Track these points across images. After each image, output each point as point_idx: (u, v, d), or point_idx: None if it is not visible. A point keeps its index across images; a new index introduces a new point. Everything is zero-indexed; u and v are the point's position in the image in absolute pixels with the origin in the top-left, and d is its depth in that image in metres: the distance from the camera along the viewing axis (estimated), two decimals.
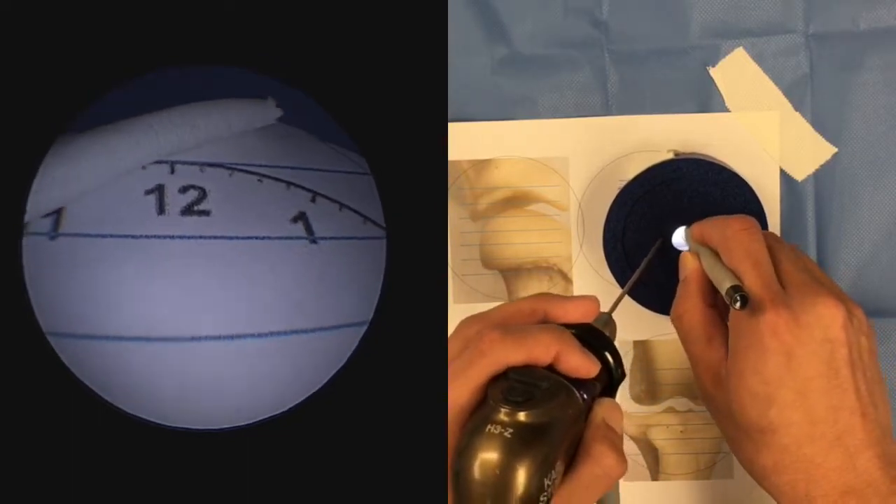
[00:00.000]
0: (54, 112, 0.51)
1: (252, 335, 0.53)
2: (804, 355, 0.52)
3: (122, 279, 0.52)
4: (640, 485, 0.67)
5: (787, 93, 0.64)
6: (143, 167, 0.55)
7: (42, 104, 0.50)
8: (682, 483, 0.67)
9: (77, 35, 0.51)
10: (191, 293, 0.52)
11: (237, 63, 0.53)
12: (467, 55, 0.65)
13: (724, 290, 0.53)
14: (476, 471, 0.45)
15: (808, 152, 0.65)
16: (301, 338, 0.54)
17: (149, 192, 0.54)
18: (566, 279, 0.66)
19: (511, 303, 0.52)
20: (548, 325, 0.51)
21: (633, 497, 0.67)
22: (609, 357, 0.51)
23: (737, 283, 0.53)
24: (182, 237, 0.54)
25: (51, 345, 0.50)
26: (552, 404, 0.47)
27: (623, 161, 0.65)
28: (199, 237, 0.54)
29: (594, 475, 0.47)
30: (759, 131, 0.64)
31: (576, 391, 0.48)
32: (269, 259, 0.54)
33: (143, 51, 0.52)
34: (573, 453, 0.48)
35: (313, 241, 0.55)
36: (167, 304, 0.52)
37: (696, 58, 0.65)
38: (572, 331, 0.51)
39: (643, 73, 0.65)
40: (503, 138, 0.66)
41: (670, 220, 0.63)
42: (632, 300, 0.64)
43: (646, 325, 0.66)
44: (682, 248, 0.62)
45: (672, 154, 0.64)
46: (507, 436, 0.45)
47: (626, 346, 0.66)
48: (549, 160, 0.66)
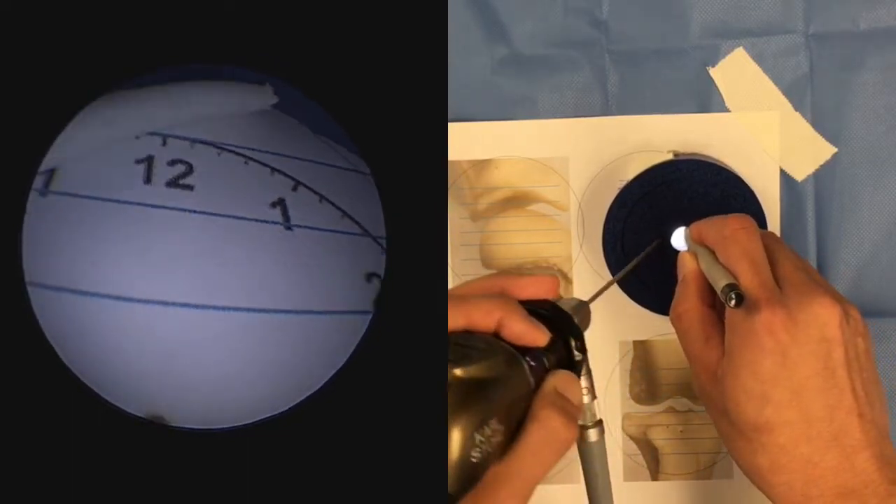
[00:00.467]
0: (54, 112, 0.51)
1: (218, 307, 0.54)
2: (800, 354, 0.52)
3: (103, 239, 0.54)
4: (640, 485, 0.67)
5: (787, 93, 0.64)
6: (136, 137, 0.57)
7: (42, 104, 0.50)
8: (682, 483, 0.67)
9: (77, 35, 0.51)
10: (165, 261, 0.54)
11: (237, 62, 0.54)
12: (467, 55, 0.65)
13: (719, 289, 0.53)
14: None
15: (808, 152, 0.65)
16: (265, 317, 0.55)
17: (139, 162, 0.57)
18: (566, 279, 0.66)
19: (470, 280, 0.52)
20: (496, 295, 0.51)
21: (633, 497, 0.67)
22: (571, 338, 0.51)
23: (732, 282, 0.53)
24: (164, 207, 0.56)
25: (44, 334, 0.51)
26: (488, 362, 0.46)
27: (623, 161, 0.65)
28: (180, 209, 0.56)
29: (541, 439, 0.47)
30: (759, 131, 0.65)
31: (521, 357, 0.48)
32: (243, 239, 0.56)
33: (142, 50, 0.52)
34: (520, 421, 0.47)
35: (288, 228, 0.57)
36: (142, 267, 0.54)
37: (696, 58, 0.65)
38: (528, 306, 0.50)
39: (643, 73, 0.65)
40: (503, 138, 0.66)
41: (670, 220, 0.63)
42: (632, 301, 0.64)
43: (646, 325, 0.66)
44: (681, 249, 0.62)
45: (672, 154, 0.64)
46: None
47: (626, 346, 0.67)
48: (549, 160, 0.66)
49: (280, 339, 0.55)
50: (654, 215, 0.63)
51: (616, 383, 0.67)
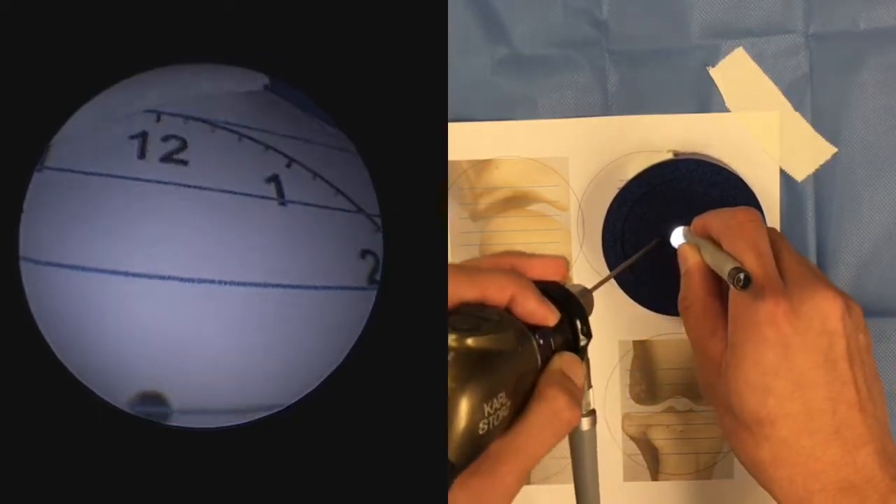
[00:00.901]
0: (54, 112, 0.51)
1: (213, 281, 0.55)
2: (802, 346, 0.52)
3: (98, 214, 0.54)
4: (640, 485, 0.67)
5: (787, 93, 0.64)
6: (130, 114, 0.57)
7: (42, 104, 0.50)
8: (682, 483, 0.67)
9: (76, 35, 0.51)
10: (160, 234, 0.55)
11: (237, 62, 0.54)
12: (467, 55, 0.65)
13: (726, 272, 0.53)
14: None
15: (808, 152, 0.65)
16: (260, 291, 0.56)
17: (133, 138, 0.57)
18: (566, 279, 0.66)
19: (480, 256, 0.53)
20: (509, 270, 0.51)
21: (633, 497, 0.67)
22: (577, 319, 0.51)
23: (739, 265, 0.53)
24: (158, 182, 0.56)
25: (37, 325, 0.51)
26: (500, 335, 0.47)
27: (623, 161, 0.65)
28: (175, 184, 0.56)
29: (545, 417, 0.47)
30: (759, 131, 0.65)
31: (530, 334, 0.49)
32: (238, 213, 0.56)
33: (141, 50, 0.52)
34: (526, 398, 0.48)
35: (282, 204, 0.57)
36: (137, 241, 0.54)
37: (696, 58, 0.65)
38: (537, 286, 0.51)
39: (643, 73, 0.65)
40: (503, 138, 0.66)
41: (670, 220, 0.63)
42: (632, 300, 0.64)
43: (646, 325, 0.66)
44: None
45: (672, 154, 0.64)
46: (448, 358, 0.45)
47: (626, 346, 0.67)
48: (549, 160, 0.66)
49: (275, 313, 0.55)
50: (654, 215, 0.63)
51: (616, 383, 0.67)
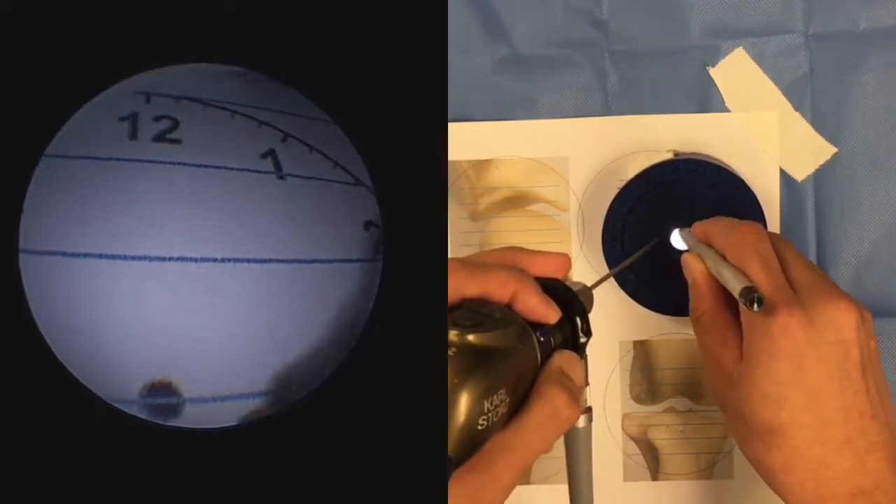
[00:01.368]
0: (53, 112, 0.51)
1: (216, 259, 0.54)
2: (816, 357, 0.52)
3: (92, 198, 0.54)
4: (640, 485, 0.67)
5: (787, 93, 0.64)
6: (119, 97, 0.57)
7: (41, 104, 0.50)
8: (682, 483, 0.67)
9: (76, 34, 0.51)
10: (158, 215, 0.54)
11: (236, 62, 0.54)
12: (467, 55, 0.65)
13: (737, 292, 0.53)
14: None
15: (808, 152, 0.65)
16: (265, 267, 0.55)
17: (123, 119, 0.56)
18: (566, 279, 0.66)
19: (483, 251, 0.53)
20: (511, 266, 0.51)
21: (633, 497, 0.67)
22: (576, 316, 0.51)
23: (750, 285, 0.52)
24: (152, 161, 0.56)
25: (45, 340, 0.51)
26: (501, 332, 0.47)
27: (623, 161, 0.65)
28: (169, 163, 0.56)
29: (544, 415, 0.47)
30: (758, 131, 0.64)
31: (531, 331, 0.49)
32: (236, 189, 0.56)
33: (141, 50, 0.52)
34: (525, 395, 0.48)
35: (281, 178, 0.57)
36: (134, 224, 0.54)
37: (696, 58, 0.65)
38: (538, 283, 0.51)
39: (643, 73, 0.65)
40: (503, 138, 0.66)
41: (670, 220, 0.63)
42: (632, 300, 0.64)
43: (646, 325, 0.66)
44: (680, 248, 0.62)
45: (672, 154, 0.64)
46: (449, 354, 0.45)
47: (626, 346, 0.67)
48: (549, 160, 0.66)
49: (282, 289, 0.55)
50: (654, 215, 0.63)
51: (616, 383, 0.67)
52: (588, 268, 0.66)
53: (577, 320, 0.51)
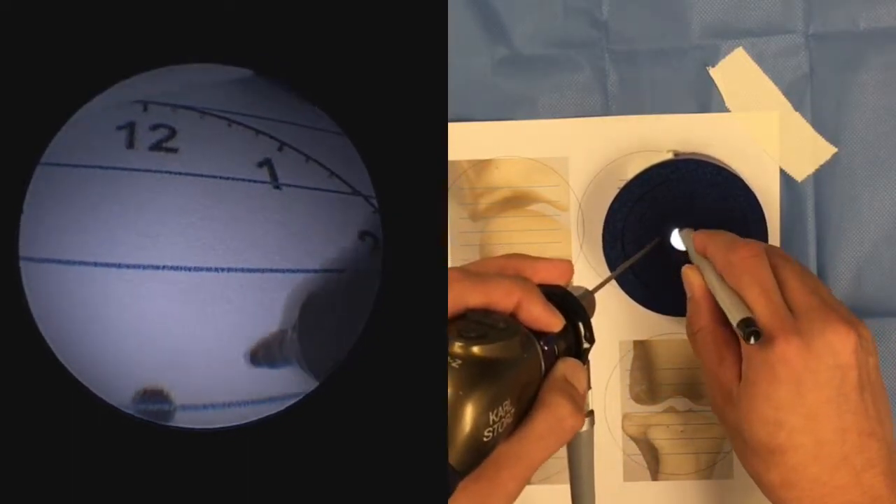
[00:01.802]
0: (52, 111, 0.51)
1: (210, 269, 0.54)
2: (815, 382, 0.52)
3: (88, 207, 0.54)
4: (640, 485, 0.67)
5: (787, 93, 0.64)
6: (116, 106, 0.57)
7: (41, 103, 0.50)
8: (682, 483, 0.67)
9: (75, 34, 0.51)
10: (154, 224, 0.54)
11: (236, 62, 0.54)
12: (467, 55, 0.65)
13: (735, 322, 0.53)
14: None
15: (808, 152, 0.65)
16: (258, 276, 0.55)
17: (120, 128, 0.56)
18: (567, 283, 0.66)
19: (485, 258, 0.53)
20: (515, 276, 0.51)
21: (633, 497, 0.67)
22: (578, 322, 0.51)
23: (749, 316, 0.53)
24: (149, 170, 0.55)
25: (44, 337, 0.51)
26: (506, 343, 0.47)
27: (623, 161, 0.65)
28: (166, 172, 0.55)
29: (548, 424, 0.47)
30: (759, 131, 0.65)
31: (535, 340, 0.49)
32: (232, 199, 0.56)
33: (141, 50, 0.52)
34: (529, 404, 0.48)
35: (276, 187, 0.57)
36: (130, 232, 0.54)
37: (696, 58, 0.65)
38: (541, 290, 0.51)
39: (643, 73, 0.65)
40: (503, 138, 0.66)
41: (670, 220, 0.63)
42: (632, 300, 0.64)
43: (646, 325, 0.66)
44: (681, 248, 0.62)
45: (672, 154, 0.64)
46: (454, 367, 0.45)
47: (626, 346, 0.67)
48: (549, 160, 0.66)
49: (276, 298, 0.55)
50: (654, 215, 0.63)
51: (616, 383, 0.67)
52: (588, 268, 0.66)
53: (581, 327, 0.51)
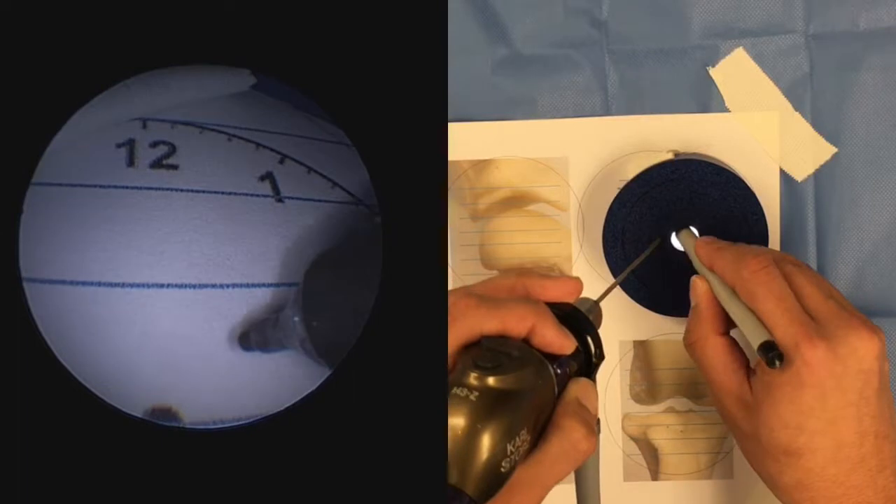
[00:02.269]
0: (52, 110, 0.51)
1: (214, 285, 0.54)
2: (837, 387, 0.53)
3: (91, 227, 0.53)
4: (640, 485, 0.67)
5: (787, 93, 0.64)
6: (115, 123, 0.56)
7: (40, 102, 0.50)
8: (682, 483, 0.67)
9: (75, 33, 0.51)
10: (157, 242, 0.54)
11: (236, 62, 0.54)
12: (467, 55, 0.65)
13: (755, 345, 0.54)
14: None
15: (808, 152, 0.65)
16: (263, 291, 0.55)
17: (120, 146, 0.56)
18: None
19: (493, 277, 0.53)
20: (526, 298, 0.51)
21: (633, 497, 0.67)
22: (588, 339, 0.52)
23: (769, 339, 0.53)
24: (150, 188, 0.55)
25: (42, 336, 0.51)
26: (521, 373, 0.47)
27: (623, 161, 0.65)
28: (167, 189, 0.55)
29: (562, 449, 0.48)
30: (759, 131, 0.64)
31: (549, 365, 0.49)
32: (235, 214, 0.55)
33: (140, 50, 0.52)
34: (543, 427, 0.48)
35: (279, 201, 0.56)
36: (133, 251, 0.53)
37: (696, 58, 0.65)
38: (552, 309, 0.51)
39: (643, 73, 0.65)
40: (503, 138, 0.66)
41: (670, 220, 0.63)
42: (632, 300, 0.64)
43: (646, 325, 0.66)
44: (681, 249, 0.62)
45: (672, 154, 0.64)
46: (472, 399, 0.45)
47: (626, 346, 0.66)
48: (549, 160, 0.66)
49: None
50: (654, 215, 0.63)
51: (616, 383, 0.67)
52: (588, 268, 0.66)
53: (590, 343, 0.52)
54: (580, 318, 0.52)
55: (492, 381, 0.46)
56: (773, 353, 0.52)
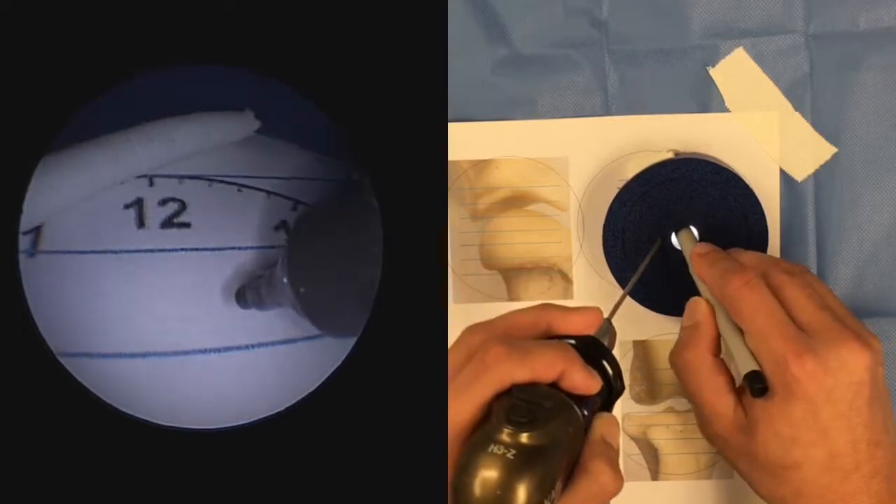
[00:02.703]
0: (52, 110, 0.51)
1: (239, 347, 0.53)
2: (828, 399, 0.53)
3: (103, 295, 0.51)
4: (640, 485, 0.67)
5: (787, 93, 0.64)
6: (121, 182, 0.54)
7: (40, 102, 0.50)
8: (682, 483, 0.67)
9: (74, 33, 0.51)
10: (174, 306, 0.52)
11: (235, 63, 0.53)
12: (467, 55, 0.65)
13: (741, 374, 0.54)
14: (477, 489, 0.46)
15: (808, 152, 0.65)
16: (288, 348, 0.54)
17: (128, 206, 0.54)
18: (566, 279, 0.66)
19: (514, 312, 0.53)
20: (552, 341, 0.51)
21: (633, 497, 0.67)
22: (609, 369, 0.52)
23: (756, 370, 0.54)
24: (163, 250, 0.53)
25: (48, 353, 0.50)
26: (554, 425, 0.47)
27: (623, 161, 0.65)
28: (181, 250, 0.54)
29: (591, 492, 0.48)
30: (759, 131, 0.64)
31: (577, 409, 0.49)
32: (252, 269, 0.54)
33: (141, 50, 0.52)
34: (571, 470, 0.48)
35: None
36: (151, 318, 0.51)
37: (696, 58, 0.64)
38: (572, 341, 0.52)
39: (643, 73, 0.65)
40: (503, 138, 0.66)
41: (670, 219, 0.63)
42: (632, 300, 0.64)
43: (646, 325, 0.66)
44: (680, 249, 0.62)
45: (672, 154, 0.64)
46: (509, 457, 0.46)
47: (626, 346, 0.66)
48: (549, 160, 0.66)
49: (309, 366, 0.53)
50: (654, 215, 0.63)
51: None
52: (588, 268, 0.66)
53: (610, 374, 0.52)
54: (600, 349, 0.53)
55: (525, 437, 0.47)
56: (758, 385, 0.54)
